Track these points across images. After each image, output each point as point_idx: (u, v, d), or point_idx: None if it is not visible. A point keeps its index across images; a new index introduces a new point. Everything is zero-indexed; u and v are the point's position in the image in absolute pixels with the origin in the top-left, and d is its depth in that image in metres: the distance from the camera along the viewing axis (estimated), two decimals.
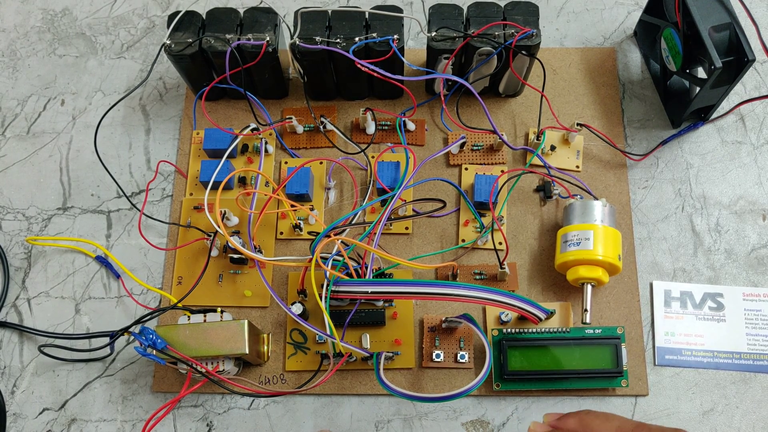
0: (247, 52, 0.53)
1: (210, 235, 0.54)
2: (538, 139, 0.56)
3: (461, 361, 0.51)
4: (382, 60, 0.51)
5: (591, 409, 0.43)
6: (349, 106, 0.60)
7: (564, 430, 0.43)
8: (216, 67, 0.55)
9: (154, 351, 0.45)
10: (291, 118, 0.57)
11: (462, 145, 0.57)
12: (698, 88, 0.52)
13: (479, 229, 0.55)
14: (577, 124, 0.56)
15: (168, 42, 0.53)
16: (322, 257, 0.47)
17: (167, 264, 0.56)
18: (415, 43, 0.64)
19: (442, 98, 0.57)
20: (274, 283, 0.54)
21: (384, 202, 0.53)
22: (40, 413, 0.52)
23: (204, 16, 0.54)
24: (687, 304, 0.53)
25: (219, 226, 0.48)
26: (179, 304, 0.51)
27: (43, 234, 0.57)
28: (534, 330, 0.50)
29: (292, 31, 0.53)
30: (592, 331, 0.50)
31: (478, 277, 0.54)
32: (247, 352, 0.46)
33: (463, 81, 0.54)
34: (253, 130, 0.56)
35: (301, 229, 0.55)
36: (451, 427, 0.50)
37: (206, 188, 0.52)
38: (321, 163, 0.57)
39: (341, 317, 0.50)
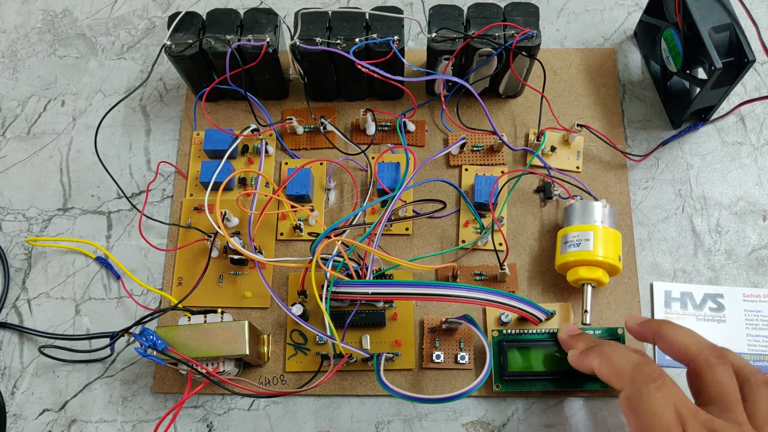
0: (248, 53, 0.53)
1: (210, 236, 0.54)
2: (538, 140, 0.56)
3: (461, 362, 0.51)
4: (382, 61, 0.51)
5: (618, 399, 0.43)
6: (350, 107, 0.60)
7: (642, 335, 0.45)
8: (216, 68, 0.55)
9: (155, 352, 0.45)
10: (291, 119, 0.57)
11: (462, 146, 0.57)
12: (698, 89, 0.52)
13: (479, 230, 0.55)
14: (578, 125, 0.56)
15: (168, 43, 0.53)
16: (322, 258, 0.47)
17: (167, 265, 0.56)
18: (415, 44, 0.64)
19: (443, 99, 0.57)
20: (274, 284, 0.54)
21: (384, 203, 0.53)
22: (41, 414, 0.52)
23: (204, 17, 0.54)
24: (687, 304, 0.53)
25: (219, 227, 0.48)
26: (179, 305, 0.51)
27: (43, 235, 0.57)
28: (534, 331, 0.50)
29: (292, 32, 0.53)
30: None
31: (478, 278, 0.54)
32: (247, 353, 0.46)
33: (464, 82, 0.54)
34: (253, 131, 0.56)
35: (301, 230, 0.55)
36: (451, 428, 0.50)
37: (206, 189, 0.52)
38: (321, 164, 0.57)
39: (341, 318, 0.50)
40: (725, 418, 0.38)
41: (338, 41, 0.52)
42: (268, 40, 0.52)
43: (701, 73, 0.54)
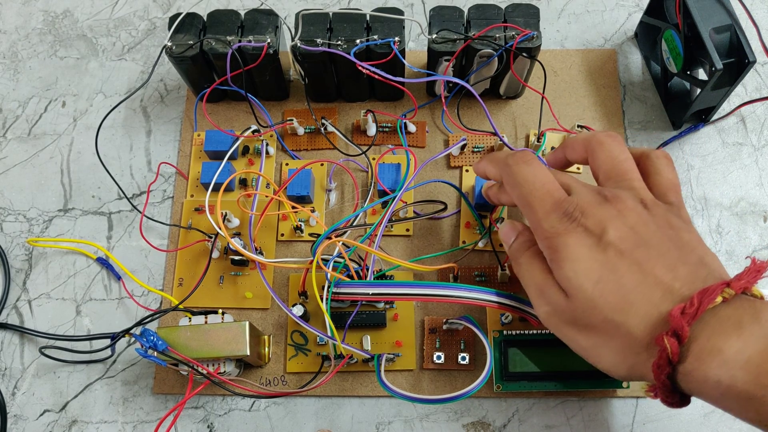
0: (248, 54, 0.53)
1: (211, 237, 0.54)
2: (538, 141, 0.56)
3: (462, 362, 0.51)
4: (383, 62, 0.52)
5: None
6: (350, 107, 0.60)
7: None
8: (217, 69, 0.55)
9: (155, 353, 0.45)
10: (292, 120, 0.57)
11: (463, 147, 0.57)
12: (699, 90, 0.52)
13: (480, 231, 0.55)
14: (578, 126, 0.56)
15: (169, 44, 0.53)
16: (323, 259, 0.47)
17: (168, 266, 0.56)
18: (415, 45, 0.64)
19: (443, 100, 0.57)
20: (275, 284, 0.54)
21: (385, 204, 0.53)
22: (41, 415, 0.52)
23: (205, 18, 0.54)
24: None
25: (220, 228, 0.48)
26: (180, 306, 0.51)
27: (44, 235, 0.57)
28: (535, 331, 0.50)
29: (292, 33, 0.53)
30: None
31: (479, 278, 0.53)
32: (248, 353, 0.46)
33: (464, 83, 0.54)
34: (254, 131, 0.56)
35: (302, 231, 0.55)
36: (452, 429, 0.50)
37: (207, 190, 0.52)
38: (322, 164, 0.57)
39: (342, 319, 0.51)
40: (619, 187, 0.39)
41: (339, 42, 0.52)
42: (269, 41, 0.52)
43: (702, 74, 0.54)
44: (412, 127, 0.58)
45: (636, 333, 0.34)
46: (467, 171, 0.57)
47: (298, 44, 0.52)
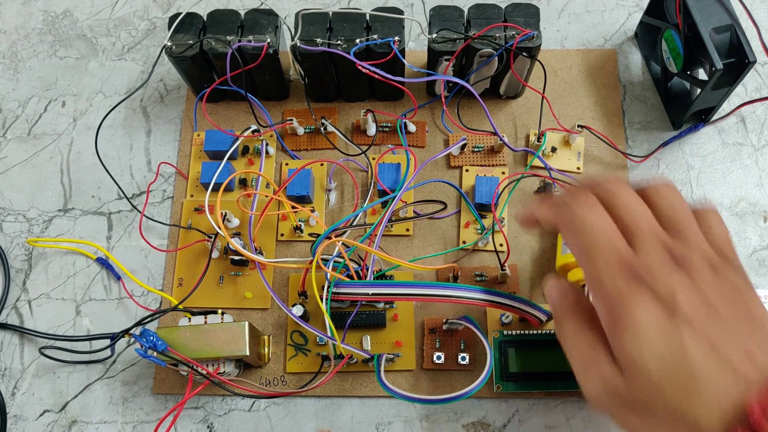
0: (248, 53, 0.53)
1: (211, 237, 0.54)
2: (538, 141, 0.56)
3: (462, 362, 0.51)
4: (383, 62, 0.52)
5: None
6: (350, 107, 0.60)
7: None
8: (217, 68, 0.55)
9: (155, 353, 0.45)
10: (292, 120, 0.57)
11: (463, 147, 0.57)
12: (699, 90, 0.52)
13: (480, 231, 0.55)
14: (578, 126, 0.56)
15: (169, 44, 0.53)
16: (322, 259, 0.47)
17: (168, 266, 0.56)
18: (415, 44, 0.64)
19: (443, 100, 0.57)
20: (274, 284, 0.54)
21: (385, 204, 0.53)
22: (41, 415, 0.52)
23: (205, 18, 0.54)
24: None
25: (220, 228, 0.48)
26: (180, 306, 0.51)
27: (43, 236, 0.57)
28: (535, 331, 0.50)
29: (292, 32, 0.53)
30: None
31: (479, 278, 0.53)
32: (247, 353, 0.46)
33: (464, 83, 0.54)
34: (253, 131, 0.56)
35: (301, 231, 0.55)
36: (452, 429, 0.50)
37: (207, 190, 0.52)
38: (322, 164, 0.57)
39: (342, 319, 0.50)
40: (681, 239, 0.35)
41: (339, 42, 0.52)
42: (269, 40, 0.52)
43: (702, 74, 0.54)
44: (412, 127, 0.58)
45: (703, 424, 0.30)
46: (467, 171, 0.57)
47: (298, 44, 0.52)
